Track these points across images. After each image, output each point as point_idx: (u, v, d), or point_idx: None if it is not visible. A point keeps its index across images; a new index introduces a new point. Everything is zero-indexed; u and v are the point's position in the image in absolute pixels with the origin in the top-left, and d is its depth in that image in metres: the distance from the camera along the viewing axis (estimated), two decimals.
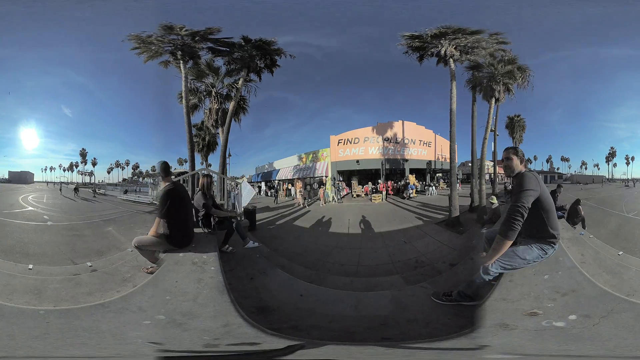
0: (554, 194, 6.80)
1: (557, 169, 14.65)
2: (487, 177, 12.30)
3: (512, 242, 2.87)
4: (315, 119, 16.39)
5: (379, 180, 14.19)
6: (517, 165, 3.14)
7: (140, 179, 15.27)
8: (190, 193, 7.97)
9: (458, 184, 10.34)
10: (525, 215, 2.78)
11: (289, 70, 10.73)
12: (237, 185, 8.29)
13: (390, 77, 13.83)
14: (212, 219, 5.18)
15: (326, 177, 14.38)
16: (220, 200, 8.29)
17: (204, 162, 13.59)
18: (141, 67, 9.34)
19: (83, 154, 13.14)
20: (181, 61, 9.65)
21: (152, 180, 14.48)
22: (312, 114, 16.34)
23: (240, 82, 10.76)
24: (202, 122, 12.26)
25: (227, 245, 5.37)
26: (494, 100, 10.88)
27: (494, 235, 3.36)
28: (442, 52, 9.42)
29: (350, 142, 14.56)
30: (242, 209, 8.21)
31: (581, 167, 13.85)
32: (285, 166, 16.77)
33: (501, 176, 14.64)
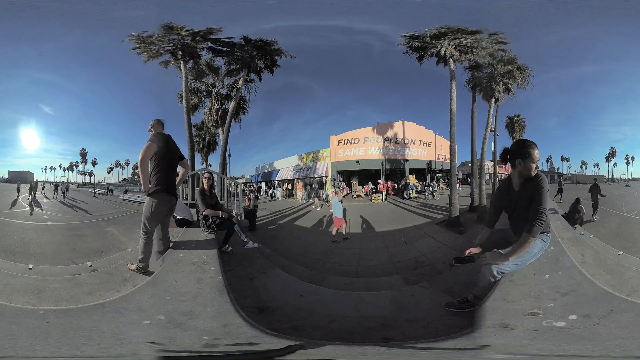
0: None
1: (557, 168, 14.68)
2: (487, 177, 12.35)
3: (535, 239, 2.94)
4: (333, 114, 15.39)
5: (379, 181, 14.19)
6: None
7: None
8: (190, 193, 7.99)
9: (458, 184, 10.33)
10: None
11: (328, 56, 9.99)
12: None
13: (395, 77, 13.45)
14: (212, 219, 5.18)
15: (326, 177, 14.38)
16: (220, 200, 8.28)
17: (204, 162, 13.60)
18: (141, 67, 9.36)
19: (83, 154, 13.15)
20: (181, 61, 9.65)
21: None
22: (332, 109, 15.24)
23: (240, 82, 10.76)
24: (202, 122, 12.26)
25: (227, 245, 5.37)
26: (493, 100, 10.87)
27: (490, 240, 3.36)
28: (442, 52, 9.42)
29: (350, 142, 14.55)
30: (242, 209, 8.22)
31: (581, 167, 13.91)
32: (286, 166, 16.76)
33: (501, 176, 14.63)
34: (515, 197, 3.10)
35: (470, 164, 11.64)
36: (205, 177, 5.51)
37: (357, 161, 14.32)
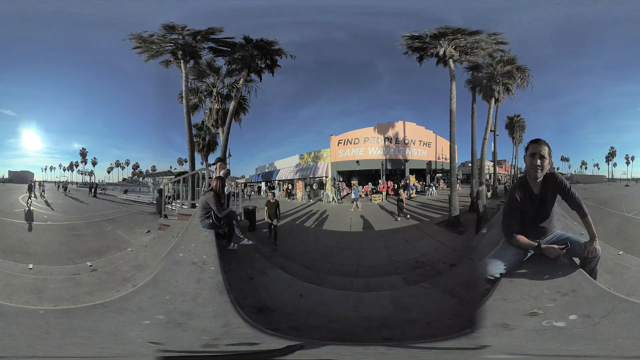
0: None
1: (557, 168, 14.69)
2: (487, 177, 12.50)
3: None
4: (374, 110, 14.98)
5: (379, 181, 14.19)
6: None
7: (141, 179, 15.28)
8: (190, 193, 7.99)
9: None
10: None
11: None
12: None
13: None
14: (221, 221, 5.16)
15: (326, 177, 14.37)
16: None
17: (204, 162, 13.59)
18: (142, 67, 9.36)
19: (83, 154, 13.15)
20: (182, 61, 9.64)
21: (152, 180, 14.49)
22: (377, 105, 14.77)
23: (240, 82, 10.76)
24: (203, 122, 12.26)
25: (233, 244, 5.36)
26: (493, 100, 10.89)
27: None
28: (442, 52, 9.43)
29: (351, 143, 14.54)
30: (242, 208, 8.22)
31: (581, 166, 13.97)
32: (286, 166, 16.74)
33: (501, 176, 14.63)
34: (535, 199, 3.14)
35: (470, 164, 11.65)
36: (219, 180, 5.46)
37: (357, 161, 14.32)
